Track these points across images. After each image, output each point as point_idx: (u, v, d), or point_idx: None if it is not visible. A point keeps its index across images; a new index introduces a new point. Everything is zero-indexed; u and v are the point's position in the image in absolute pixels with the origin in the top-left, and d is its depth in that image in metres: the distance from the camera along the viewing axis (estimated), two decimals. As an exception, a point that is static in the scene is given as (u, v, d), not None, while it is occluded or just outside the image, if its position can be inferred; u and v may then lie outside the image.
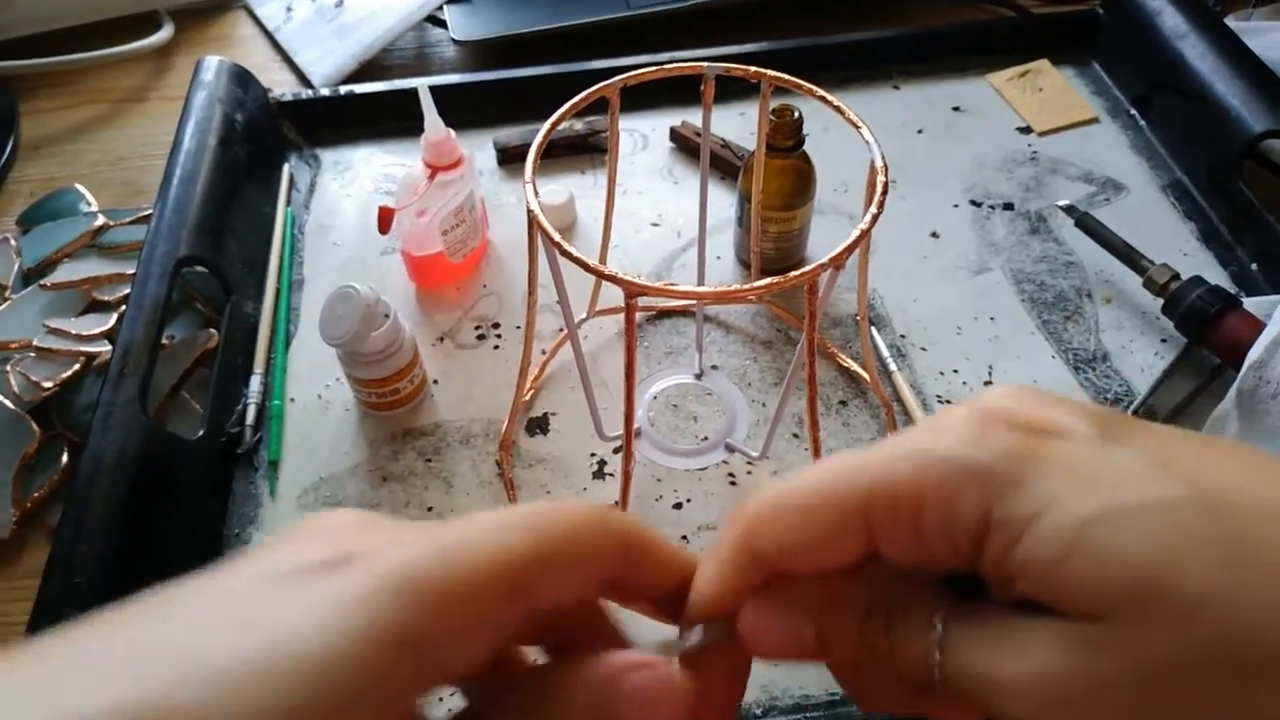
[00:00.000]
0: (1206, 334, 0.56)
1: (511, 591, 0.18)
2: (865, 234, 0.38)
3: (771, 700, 0.47)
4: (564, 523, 0.20)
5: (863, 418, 0.58)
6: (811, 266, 0.35)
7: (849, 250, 0.37)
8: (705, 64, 0.46)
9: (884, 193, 0.39)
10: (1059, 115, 0.77)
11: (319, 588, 0.17)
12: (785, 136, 0.59)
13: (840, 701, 0.46)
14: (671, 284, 0.32)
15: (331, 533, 0.19)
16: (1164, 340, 0.60)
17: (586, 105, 0.44)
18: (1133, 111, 0.77)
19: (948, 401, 0.58)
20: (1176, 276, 0.58)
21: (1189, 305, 0.56)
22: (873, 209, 0.38)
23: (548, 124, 0.42)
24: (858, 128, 0.42)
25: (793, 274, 0.36)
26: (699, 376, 0.60)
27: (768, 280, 0.34)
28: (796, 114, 0.59)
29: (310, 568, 0.18)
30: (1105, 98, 0.78)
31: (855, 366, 0.59)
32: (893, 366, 0.59)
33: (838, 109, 0.43)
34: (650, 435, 0.57)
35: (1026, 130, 0.76)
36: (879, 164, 0.40)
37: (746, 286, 0.34)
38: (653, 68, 0.46)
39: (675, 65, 0.46)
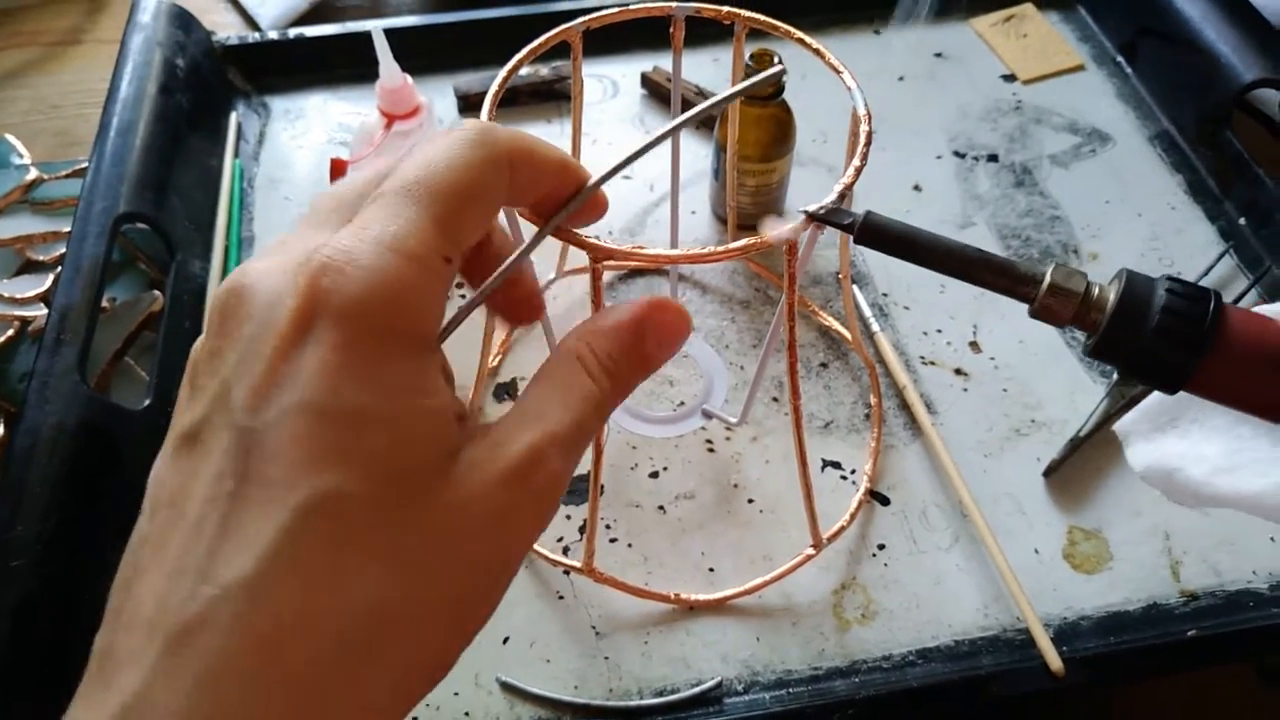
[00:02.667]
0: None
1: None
2: (848, 189, 0.35)
3: (754, 676, 0.45)
4: (472, 153, 0.21)
5: (844, 380, 0.56)
6: (790, 226, 0.33)
7: (830, 205, 0.34)
8: (674, 4, 0.43)
9: (867, 144, 0.36)
10: (1044, 62, 0.74)
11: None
12: (764, 84, 0.56)
13: (823, 676, 0.45)
14: (640, 246, 0.30)
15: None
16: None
17: (549, 49, 0.40)
18: (1119, 59, 0.74)
19: (932, 363, 0.56)
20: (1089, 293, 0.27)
21: (1143, 347, 0.26)
22: (855, 161, 0.35)
23: (504, 70, 0.38)
24: (839, 72, 0.39)
25: (770, 235, 0.33)
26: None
27: (742, 242, 0.32)
28: (776, 59, 0.56)
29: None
30: (1091, 44, 0.76)
31: (837, 326, 0.57)
32: (875, 326, 0.57)
33: (817, 52, 0.40)
34: (623, 402, 0.54)
35: (1011, 78, 0.73)
36: (861, 112, 0.37)
37: (720, 249, 0.32)
38: (617, 8, 0.42)
39: (642, 6, 0.43)
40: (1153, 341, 0.25)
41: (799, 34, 0.41)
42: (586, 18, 0.42)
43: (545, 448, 0.21)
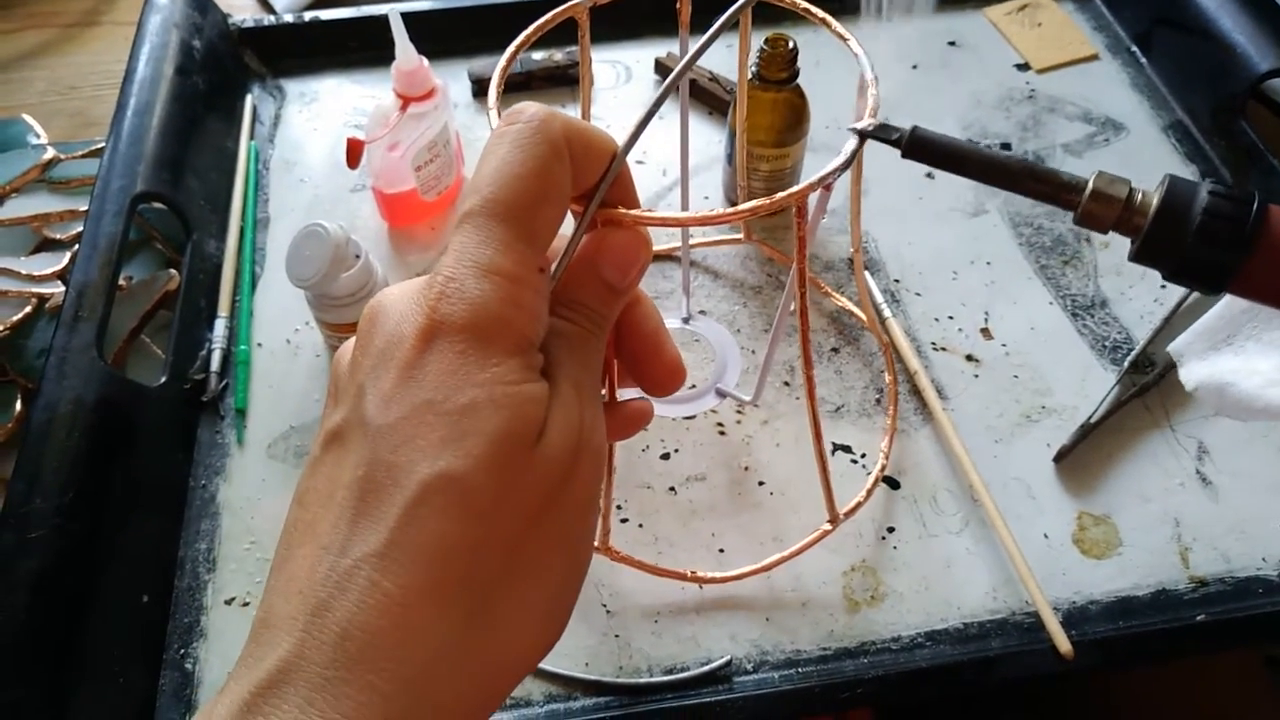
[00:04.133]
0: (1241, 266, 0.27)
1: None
2: (858, 152, 0.34)
3: (763, 655, 0.45)
4: (537, 152, 0.23)
5: (855, 365, 0.56)
6: (800, 186, 0.33)
7: (840, 169, 0.33)
8: None
9: (875, 108, 0.35)
10: (1058, 51, 0.74)
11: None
12: (779, 68, 0.56)
13: (832, 656, 0.45)
14: (650, 210, 0.29)
15: None
16: (1164, 286, 0.59)
17: (562, 32, 0.40)
18: (1133, 48, 0.74)
19: (943, 349, 0.56)
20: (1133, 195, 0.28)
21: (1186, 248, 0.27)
22: (872, 100, 0.35)
23: (510, 49, 0.38)
24: (845, 39, 0.39)
25: (779, 194, 0.33)
26: (686, 321, 0.58)
27: (754, 203, 0.31)
28: (791, 44, 0.56)
29: None
30: (1106, 34, 0.75)
31: (850, 305, 0.57)
32: (887, 313, 0.57)
33: (823, 21, 0.40)
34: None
35: (1024, 67, 0.73)
36: (869, 76, 0.37)
37: (730, 211, 0.31)
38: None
39: None
40: (1195, 242, 0.26)
41: (804, 4, 0.41)
42: None
43: (577, 407, 0.23)
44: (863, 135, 0.31)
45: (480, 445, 0.21)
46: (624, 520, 0.50)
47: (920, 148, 0.28)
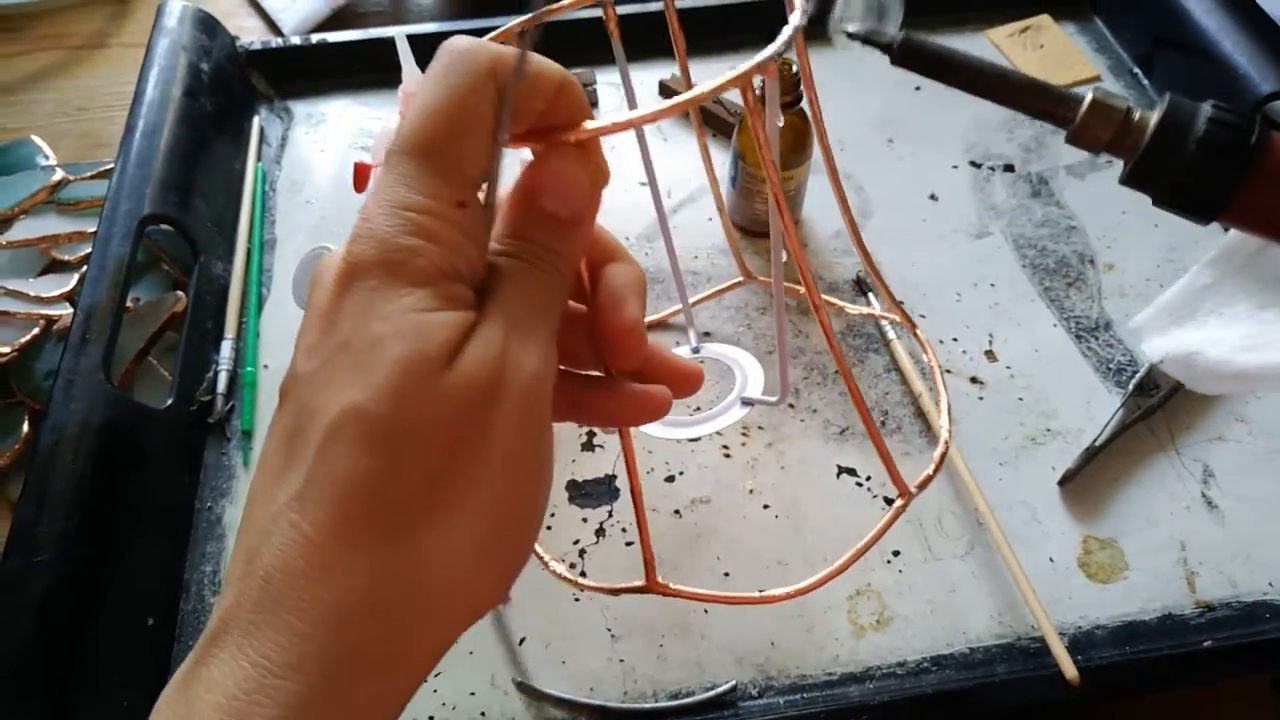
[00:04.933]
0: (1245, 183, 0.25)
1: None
2: (799, 30, 0.32)
3: (768, 680, 0.45)
4: (454, 83, 0.23)
5: (861, 385, 0.56)
6: (744, 68, 0.28)
7: (783, 48, 0.29)
8: None
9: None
10: (1061, 73, 0.74)
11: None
12: (782, 92, 0.57)
13: (837, 681, 0.45)
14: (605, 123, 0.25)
15: None
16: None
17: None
18: (1135, 70, 0.74)
19: (948, 371, 0.57)
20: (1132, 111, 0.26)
21: (1184, 166, 0.25)
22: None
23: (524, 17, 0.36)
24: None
25: (722, 78, 0.27)
26: (696, 351, 0.56)
27: (695, 90, 0.26)
28: (794, 68, 0.57)
29: None
30: (1107, 55, 0.76)
31: (870, 310, 0.57)
32: (891, 334, 0.57)
33: None
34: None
35: (1027, 88, 0.73)
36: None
37: (674, 102, 0.25)
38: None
39: None
40: (1194, 157, 0.24)
41: None
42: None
43: (501, 337, 0.23)
44: (854, 37, 0.28)
45: (382, 374, 0.21)
46: (628, 544, 0.50)
47: (912, 55, 0.27)
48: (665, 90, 0.72)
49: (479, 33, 0.81)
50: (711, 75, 0.26)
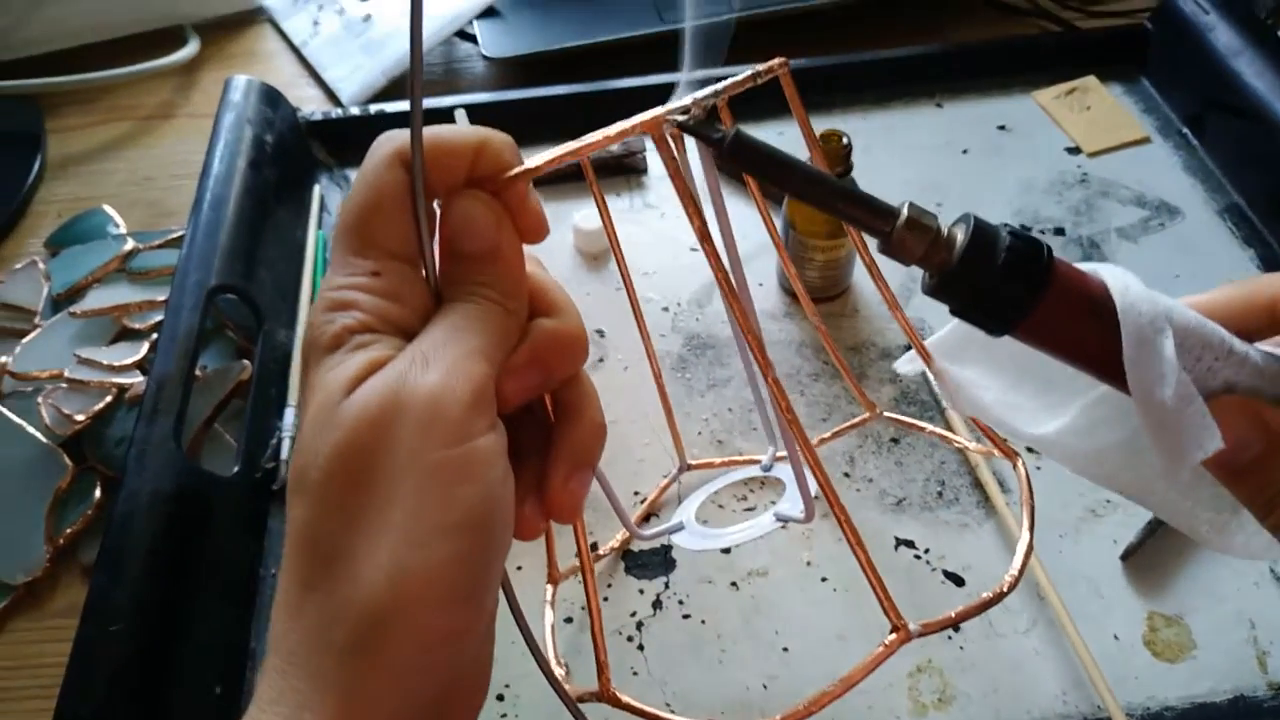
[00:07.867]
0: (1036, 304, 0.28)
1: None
2: (723, 105, 0.32)
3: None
4: (365, 170, 0.27)
5: (915, 456, 0.56)
6: (650, 114, 0.29)
7: (675, 114, 0.28)
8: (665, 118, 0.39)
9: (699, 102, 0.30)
10: (1109, 135, 0.74)
11: None
12: (833, 164, 0.58)
13: None
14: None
15: None
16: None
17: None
18: (1185, 131, 0.74)
19: (1004, 439, 0.56)
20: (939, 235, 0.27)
21: (988, 283, 0.27)
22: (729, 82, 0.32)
23: (560, 150, 0.35)
24: None
25: (628, 122, 0.29)
26: (767, 470, 0.53)
27: (601, 132, 0.28)
28: (845, 139, 0.58)
29: None
30: (1156, 116, 0.76)
31: (961, 443, 0.53)
32: (945, 402, 0.57)
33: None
34: (693, 528, 0.51)
35: (1075, 150, 0.74)
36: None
37: (633, 122, 0.28)
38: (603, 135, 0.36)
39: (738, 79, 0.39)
40: (999, 277, 0.26)
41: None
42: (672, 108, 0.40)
43: (403, 362, 0.25)
44: (681, 127, 0.28)
45: (304, 428, 0.25)
46: (685, 616, 0.50)
47: (741, 153, 0.27)
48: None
49: (531, 102, 0.83)
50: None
